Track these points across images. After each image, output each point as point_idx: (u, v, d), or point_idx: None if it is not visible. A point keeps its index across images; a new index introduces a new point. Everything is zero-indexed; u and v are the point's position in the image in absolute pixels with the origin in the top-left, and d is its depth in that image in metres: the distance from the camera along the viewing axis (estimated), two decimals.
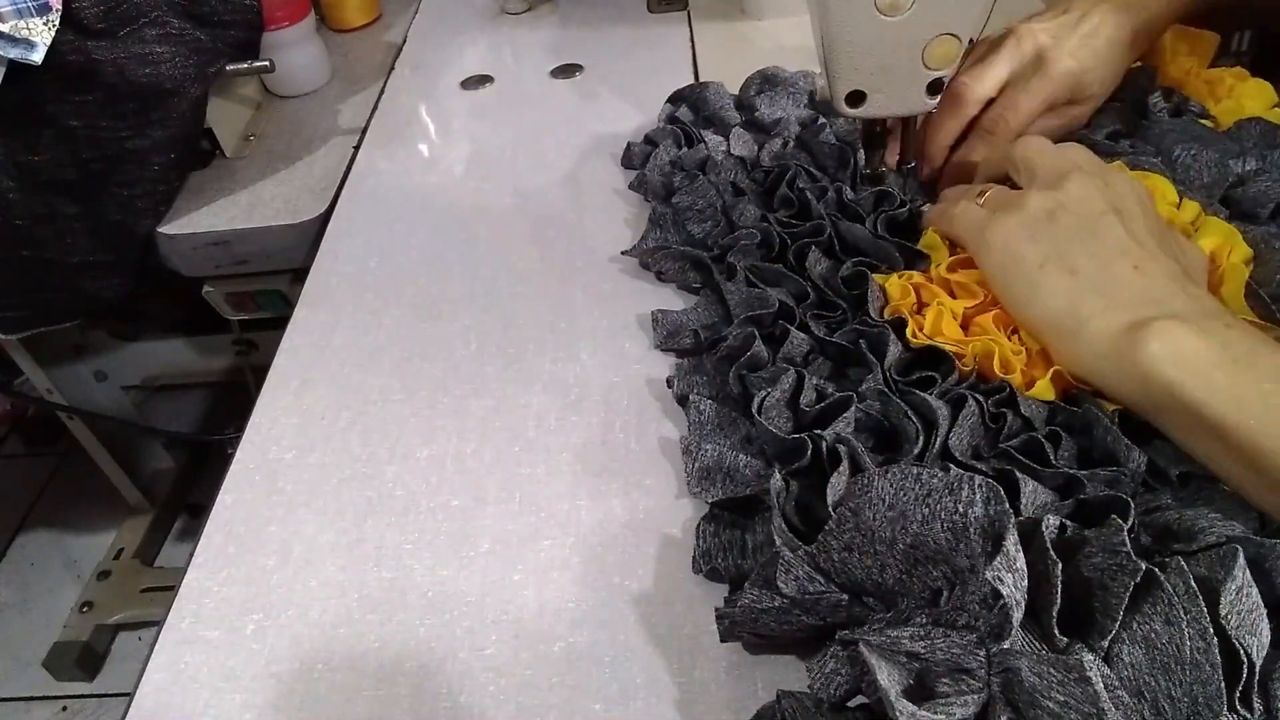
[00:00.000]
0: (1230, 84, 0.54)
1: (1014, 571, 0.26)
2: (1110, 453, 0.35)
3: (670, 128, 0.59)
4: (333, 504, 0.41)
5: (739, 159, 0.54)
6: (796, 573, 0.31)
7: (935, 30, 0.41)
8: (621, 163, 0.61)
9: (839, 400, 0.37)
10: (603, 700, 0.33)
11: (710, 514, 0.37)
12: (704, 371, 0.43)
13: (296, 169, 0.68)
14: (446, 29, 0.84)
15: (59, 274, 0.65)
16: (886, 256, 0.45)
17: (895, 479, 0.30)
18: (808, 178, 0.50)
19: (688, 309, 0.48)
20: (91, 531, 1.27)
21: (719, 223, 0.51)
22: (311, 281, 0.55)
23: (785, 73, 0.62)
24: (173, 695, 0.35)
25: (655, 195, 0.55)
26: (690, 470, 0.37)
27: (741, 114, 0.60)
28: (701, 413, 0.40)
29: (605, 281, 0.52)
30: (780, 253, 0.47)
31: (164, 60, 0.61)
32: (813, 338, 0.42)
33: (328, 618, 0.37)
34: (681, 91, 0.62)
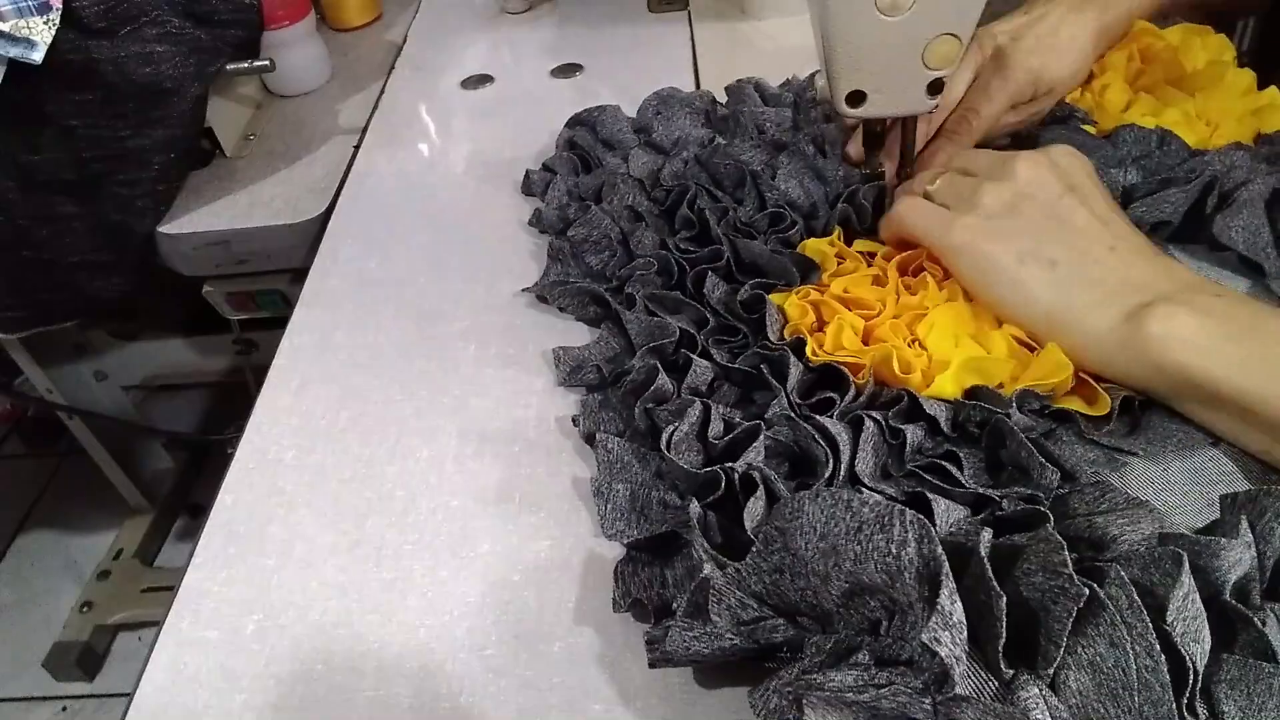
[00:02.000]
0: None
1: (951, 628, 0.26)
2: (1022, 464, 0.35)
3: (568, 154, 0.59)
4: (333, 504, 0.41)
5: (638, 181, 0.54)
6: (728, 600, 0.30)
7: (935, 30, 0.41)
8: (521, 190, 0.60)
9: (747, 430, 0.37)
10: (603, 700, 0.33)
11: (627, 555, 0.36)
12: (611, 406, 0.43)
13: (296, 169, 0.68)
14: (446, 29, 0.84)
15: (59, 274, 0.65)
16: (783, 272, 0.44)
17: (826, 505, 0.29)
18: (708, 197, 0.50)
19: (589, 344, 0.46)
20: (91, 531, 1.27)
21: (615, 253, 0.50)
22: (311, 281, 0.55)
23: (682, 93, 0.61)
24: (173, 695, 0.35)
25: (552, 229, 0.54)
26: (604, 512, 0.37)
27: (639, 136, 0.59)
28: (610, 451, 0.39)
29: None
30: (679, 279, 0.46)
31: (164, 59, 0.61)
32: (716, 365, 0.41)
33: (328, 618, 0.37)
34: (579, 115, 0.62)
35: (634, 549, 0.36)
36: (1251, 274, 0.44)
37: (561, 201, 0.55)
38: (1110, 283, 0.36)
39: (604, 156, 0.57)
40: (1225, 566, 0.28)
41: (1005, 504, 0.33)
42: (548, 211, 0.55)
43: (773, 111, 0.57)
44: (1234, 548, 0.28)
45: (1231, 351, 0.32)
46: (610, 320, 0.47)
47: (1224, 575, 0.28)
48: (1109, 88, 0.55)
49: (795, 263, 0.44)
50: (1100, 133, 0.52)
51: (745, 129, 0.55)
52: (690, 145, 0.55)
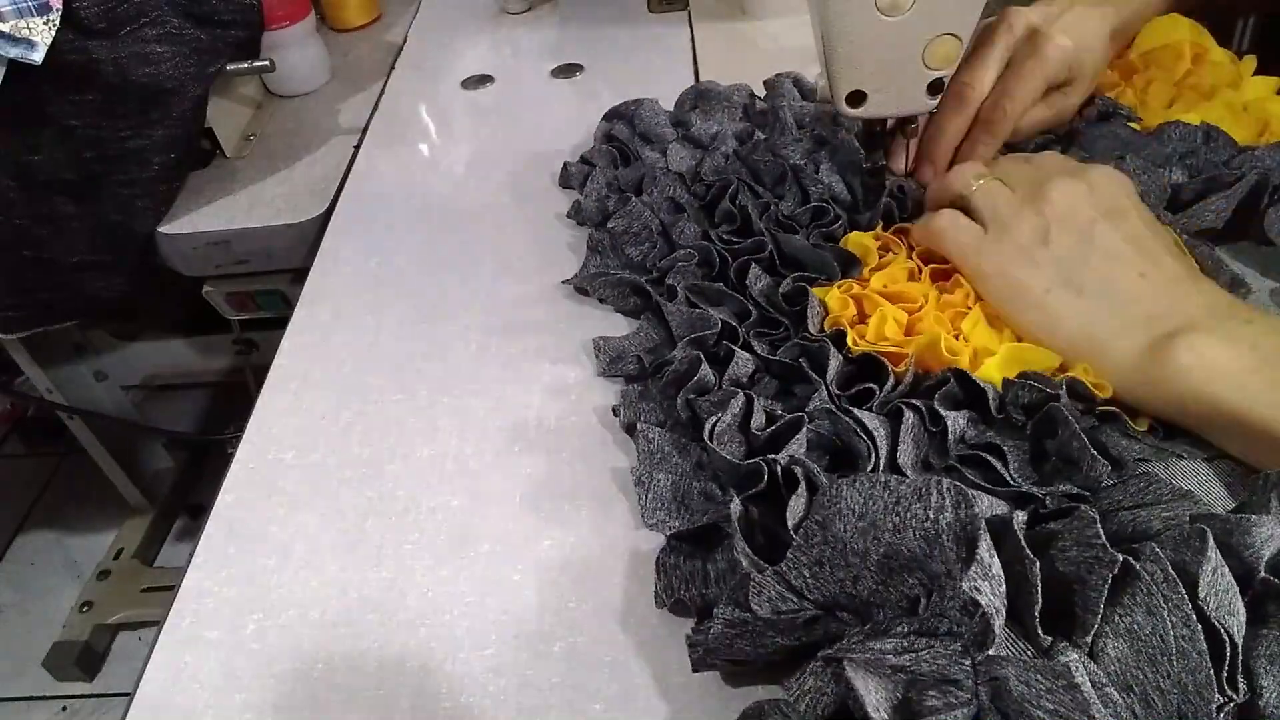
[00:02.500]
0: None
1: (990, 579, 0.26)
2: (1070, 456, 0.34)
3: (607, 147, 0.59)
4: (333, 504, 0.41)
5: (678, 175, 0.54)
6: (769, 593, 0.30)
7: (935, 30, 0.41)
8: (559, 183, 0.60)
9: (790, 422, 0.37)
10: (603, 700, 0.33)
11: (668, 546, 0.36)
12: (650, 397, 0.43)
13: (296, 169, 0.68)
14: (447, 29, 0.84)
15: (59, 274, 0.65)
16: (824, 267, 0.44)
17: (864, 488, 0.29)
18: (749, 193, 0.50)
19: (630, 334, 0.46)
20: (91, 531, 1.27)
21: (655, 244, 0.50)
22: (311, 281, 0.55)
23: (719, 87, 0.62)
24: (173, 695, 0.35)
25: (591, 220, 0.54)
26: (644, 502, 0.37)
27: (677, 130, 0.59)
28: (650, 441, 0.39)
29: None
30: (721, 271, 0.46)
31: (164, 60, 0.61)
32: (756, 356, 0.41)
33: (328, 618, 0.37)
34: (618, 108, 0.62)
35: (675, 539, 0.36)
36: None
37: (601, 194, 0.55)
38: (1137, 311, 0.36)
39: (642, 150, 0.57)
40: (1258, 543, 0.27)
41: (1049, 501, 0.33)
42: (587, 203, 0.55)
43: (812, 106, 0.57)
44: (1265, 524, 0.28)
45: (1259, 381, 0.31)
46: (650, 311, 0.47)
47: (1258, 552, 0.28)
48: (1154, 83, 0.55)
49: (837, 257, 0.44)
50: (1145, 130, 0.52)
51: (785, 124, 0.55)
52: (728, 140, 0.55)
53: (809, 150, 0.52)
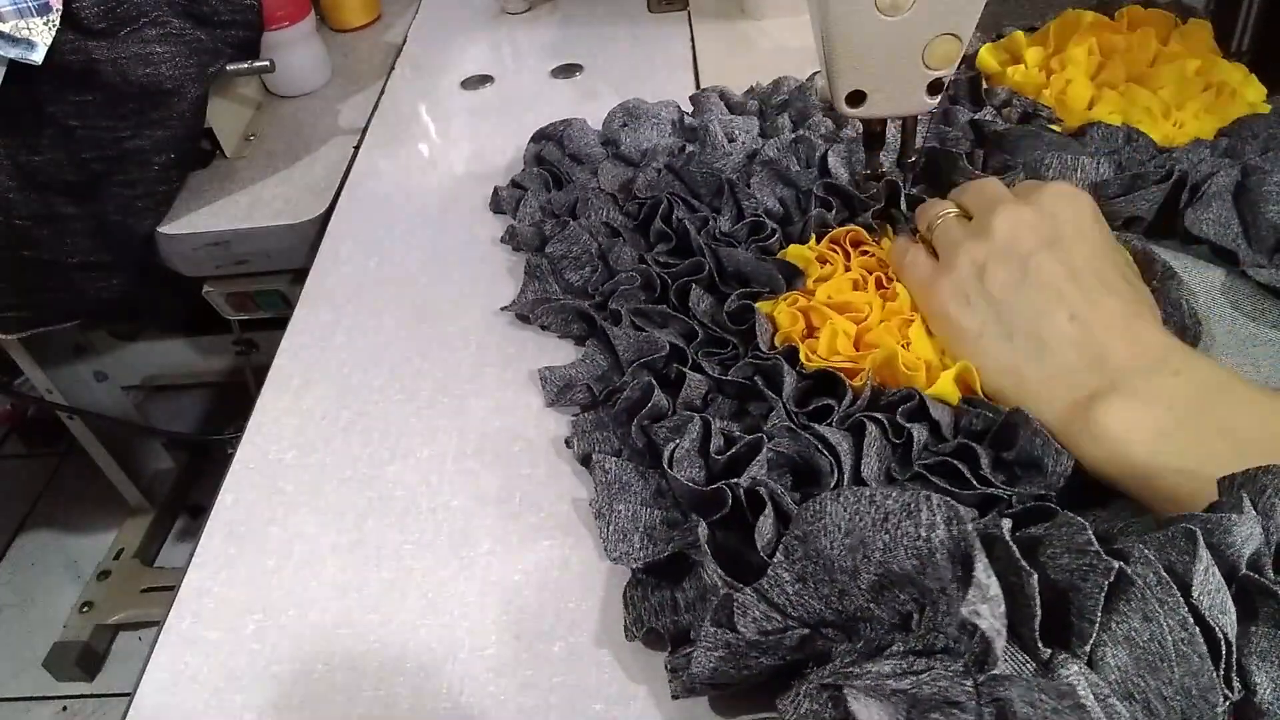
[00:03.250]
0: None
1: (989, 601, 0.26)
2: (1033, 457, 0.34)
3: (538, 170, 0.58)
4: (333, 504, 0.41)
5: (610, 196, 0.53)
6: (753, 613, 0.30)
7: (935, 30, 0.41)
8: (490, 208, 0.58)
9: (749, 444, 0.36)
10: (603, 700, 0.33)
11: (634, 579, 0.35)
12: (604, 426, 0.42)
13: (296, 169, 0.68)
14: (447, 29, 0.84)
15: (59, 274, 0.65)
16: (769, 279, 0.44)
17: (848, 503, 0.29)
18: (685, 207, 0.49)
19: (575, 362, 0.45)
20: (91, 531, 1.27)
21: (596, 268, 0.49)
22: (311, 281, 0.55)
23: (647, 103, 0.61)
24: (173, 695, 0.35)
25: (528, 246, 0.53)
26: (606, 535, 0.36)
27: (607, 149, 0.58)
28: (608, 472, 0.38)
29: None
30: (663, 293, 0.46)
31: (164, 60, 0.61)
32: (708, 377, 0.41)
33: (328, 618, 0.37)
34: (545, 130, 0.61)
35: (640, 572, 0.35)
36: (1225, 263, 0.46)
37: (535, 218, 0.54)
38: (1062, 361, 0.35)
39: (573, 171, 0.57)
40: (1238, 542, 0.27)
41: (1014, 501, 0.33)
42: (522, 228, 0.53)
43: (740, 120, 0.57)
44: (1244, 523, 0.27)
45: (1170, 445, 0.31)
46: (596, 337, 0.46)
47: (1238, 550, 0.28)
48: (1072, 83, 0.56)
49: (780, 269, 0.44)
50: (1066, 131, 0.53)
51: (715, 138, 0.55)
52: (660, 155, 0.55)
53: (740, 164, 0.52)
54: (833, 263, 0.45)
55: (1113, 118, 0.53)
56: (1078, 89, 0.55)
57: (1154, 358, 0.34)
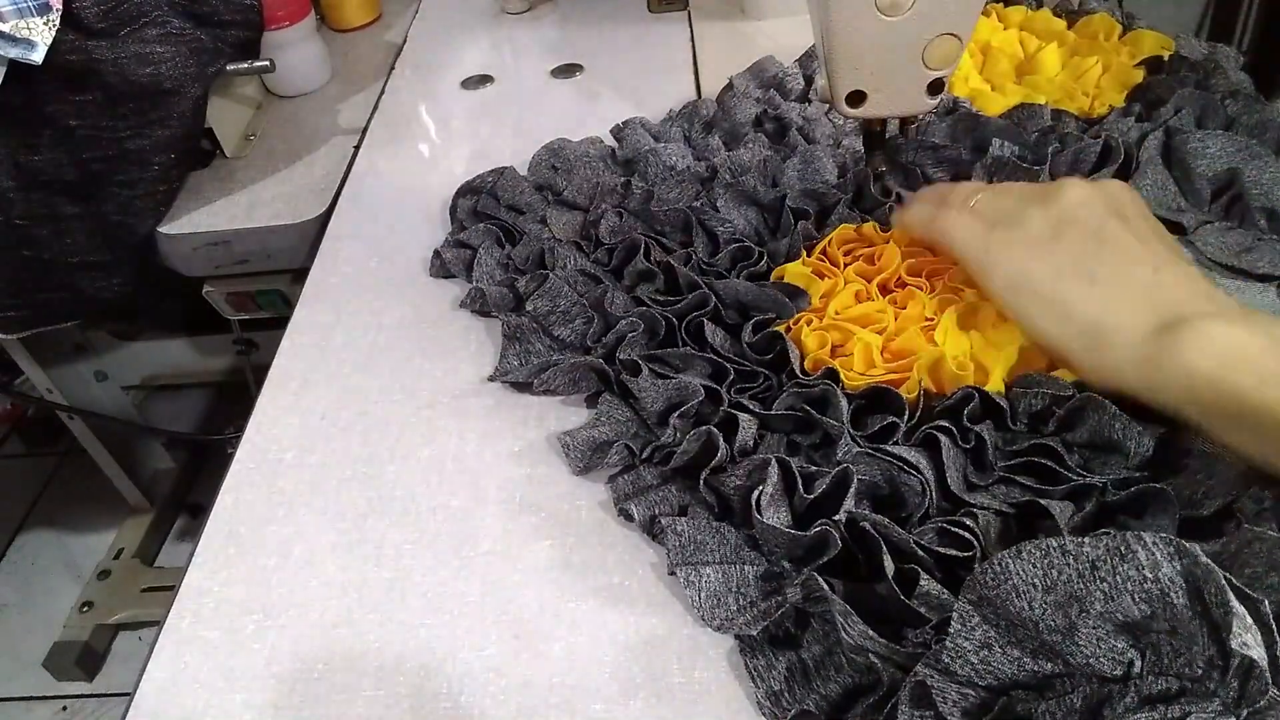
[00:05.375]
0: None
1: (1250, 629, 0.25)
2: (1109, 440, 0.34)
3: (485, 225, 0.53)
4: (333, 504, 0.41)
5: (574, 243, 0.50)
6: (950, 695, 0.28)
7: (935, 30, 0.41)
8: (431, 274, 0.53)
9: (836, 478, 0.35)
10: (603, 700, 0.33)
11: (748, 647, 0.33)
12: (643, 484, 0.39)
13: (296, 169, 0.68)
14: (447, 29, 0.84)
15: (59, 274, 0.65)
16: (774, 305, 0.43)
17: (1036, 558, 0.27)
18: (659, 248, 0.48)
19: (594, 422, 0.42)
20: (91, 531, 1.27)
21: (589, 319, 0.46)
22: (311, 281, 0.55)
23: (571, 143, 0.59)
24: (173, 695, 0.35)
25: (500, 308, 0.48)
26: (699, 603, 0.34)
27: (543, 194, 0.55)
28: (681, 535, 0.36)
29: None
30: (668, 334, 0.44)
31: (164, 60, 0.61)
32: (753, 414, 0.39)
33: (328, 618, 0.37)
34: (471, 184, 0.57)
35: (750, 637, 0.33)
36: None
37: (496, 277, 0.50)
38: (1150, 300, 0.35)
39: (517, 223, 0.53)
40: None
41: (1108, 489, 0.33)
42: (491, 290, 0.48)
43: (674, 147, 0.55)
44: None
45: (1268, 365, 0.31)
46: (609, 391, 0.43)
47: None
48: (969, 79, 0.58)
49: (784, 293, 0.43)
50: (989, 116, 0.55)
51: (654, 168, 0.54)
52: (607, 195, 0.52)
53: (695, 192, 0.51)
54: (830, 275, 0.44)
55: (1036, 98, 0.55)
56: (976, 81, 0.58)
57: (1237, 305, 0.35)
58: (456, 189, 0.57)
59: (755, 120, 0.59)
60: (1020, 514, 0.34)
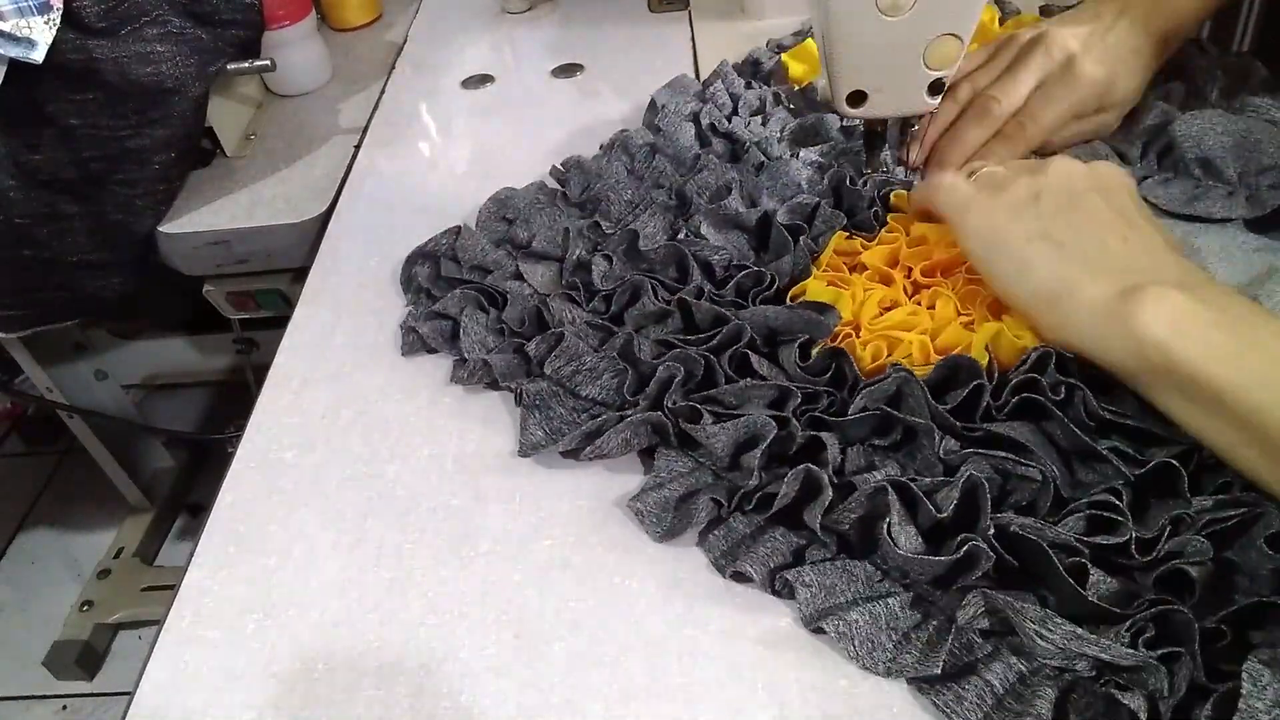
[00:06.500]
0: None
1: None
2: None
3: (463, 292, 0.49)
4: (333, 504, 0.41)
5: (566, 296, 0.47)
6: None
7: (936, 30, 0.41)
8: (402, 352, 0.49)
9: (965, 489, 0.34)
10: (603, 700, 0.33)
11: (932, 686, 0.31)
12: (737, 536, 0.37)
13: (297, 168, 0.68)
14: (447, 28, 0.84)
15: (59, 273, 0.65)
16: (808, 326, 0.42)
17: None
18: (664, 288, 0.46)
19: (659, 480, 0.39)
20: (91, 531, 1.27)
21: (618, 372, 0.43)
22: (311, 281, 0.55)
23: (515, 190, 0.56)
24: (173, 695, 0.35)
25: (506, 376, 0.45)
26: (855, 651, 0.32)
27: (504, 248, 0.52)
28: (810, 585, 0.34)
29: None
30: (707, 373, 0.41)
31: (165, 59, 0.61)
32: (832, 431, 0.38)
33: (328, 618, 0.37)
34: (425, 249, 0.53)
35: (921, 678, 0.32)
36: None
37: (489, 345, 0.46)
38: (1113, 265, 0.36)
39: (495, 283, 0.49)
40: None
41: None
42: (495, 359, 0.45)
43: (628, 180, 0.54)
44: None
45: (1216, 339, 0.31)
46: (664, 445, 0.41)
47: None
48: None
49: (816, 310, 0.42)
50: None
51: (617, 205, 0.52)
52: (579, 240, 0.50)
53: (669, 221, 0.50)
54: (845, 285, 0.44)
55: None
56: None
57: (1203, 277, 0.36)
58: (406, 256, 0.53)
59: (700, 139, 0.58)
60: (1145, 480, 0.34)
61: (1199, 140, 0.48)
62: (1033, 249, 0.38)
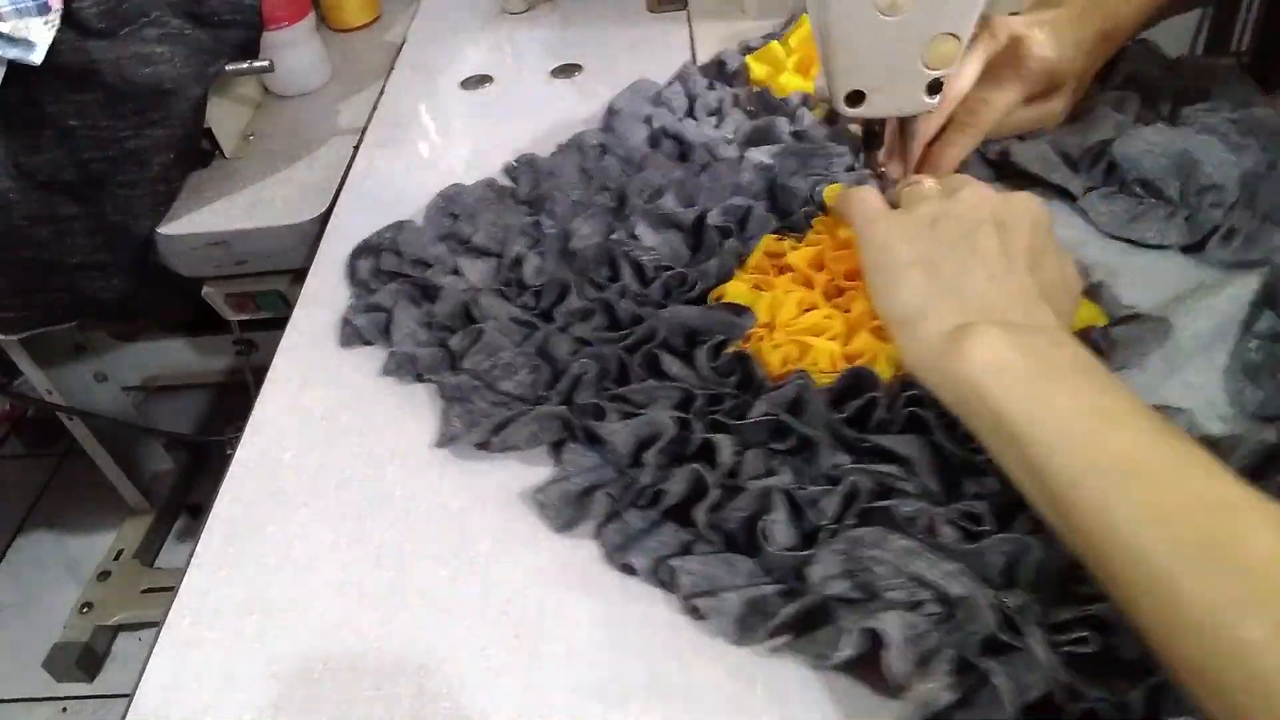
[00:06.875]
0: None
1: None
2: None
3: (396, 286, 0.50)
4: (332, 504, 0.41)
5: (497, 291, 0.48)
6: None
7: (935, 30, 0.41)
8: (341, 344, 0.50)
9: (845, 496, 0.35)
10: (603, 700, 0.33)
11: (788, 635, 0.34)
12: (632, 530, 0.38)
13: (296, 169, 0.68)
14: (446, 29, 0.84)
15: (59, 274, 0.65)
16: (724, 327, 0.43)
17: None
18: (590, 285, 0.47)
19: (566, 474, 0.40)
20: (91, 532, 1.27)
21: (535, 368, 0.44)
22: (311, 281, 0.55)
23: (465, 185, 0.58)
24: (173, 696, 0.35)
25: (431, 369, 0.46)
26: (728, 629, 0.34)
27: (448, 244, 0.53)
28: (693, 573, 0.35)
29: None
30: (620, 371, 0.43)
31: (164, 60, 0.61)
32: (730, 434, 0.39)
33: (328, 618, 0.37)
34: (370, 242, 0.55)
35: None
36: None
37: (419, 338, 0.47)
38: (967, 303, 0.36)
39: (431, 278, 0.50)
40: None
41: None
42: (421, 353, 0.46)
43: (576, 180, 0.55)
44: None
45: (1021, 388, 0.32)
46: (572, 439, 0.42)
47: None
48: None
49: (733, 312, 0.43)
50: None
51: (562, 204, 0.53)
52: (519, 236, 0.51)
53: (608, 223, 0.50)
54: (767, 289, 0.45)
55: None
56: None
57: (1047, 326, 0.35)
58: (352, 250, 0.55)
59: (649, 141, 0.59)
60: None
61: (1137, 162, 0.49)
62: (907, 272, 0.38)
